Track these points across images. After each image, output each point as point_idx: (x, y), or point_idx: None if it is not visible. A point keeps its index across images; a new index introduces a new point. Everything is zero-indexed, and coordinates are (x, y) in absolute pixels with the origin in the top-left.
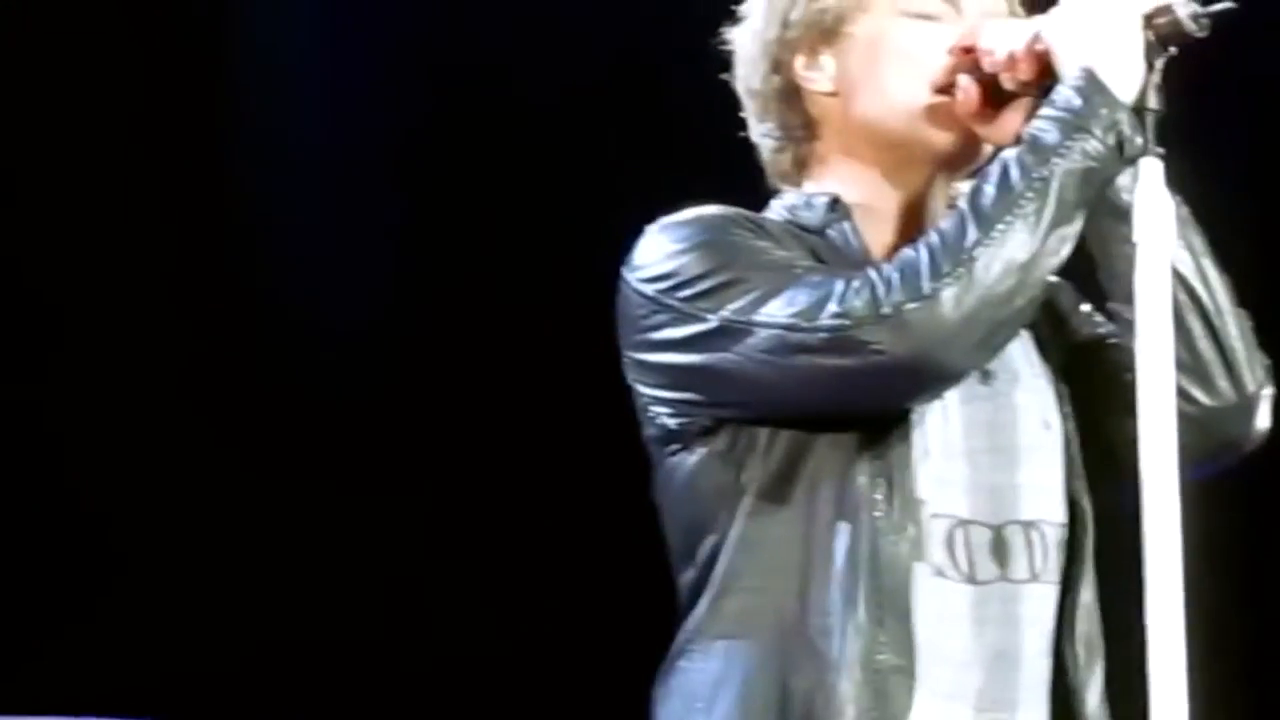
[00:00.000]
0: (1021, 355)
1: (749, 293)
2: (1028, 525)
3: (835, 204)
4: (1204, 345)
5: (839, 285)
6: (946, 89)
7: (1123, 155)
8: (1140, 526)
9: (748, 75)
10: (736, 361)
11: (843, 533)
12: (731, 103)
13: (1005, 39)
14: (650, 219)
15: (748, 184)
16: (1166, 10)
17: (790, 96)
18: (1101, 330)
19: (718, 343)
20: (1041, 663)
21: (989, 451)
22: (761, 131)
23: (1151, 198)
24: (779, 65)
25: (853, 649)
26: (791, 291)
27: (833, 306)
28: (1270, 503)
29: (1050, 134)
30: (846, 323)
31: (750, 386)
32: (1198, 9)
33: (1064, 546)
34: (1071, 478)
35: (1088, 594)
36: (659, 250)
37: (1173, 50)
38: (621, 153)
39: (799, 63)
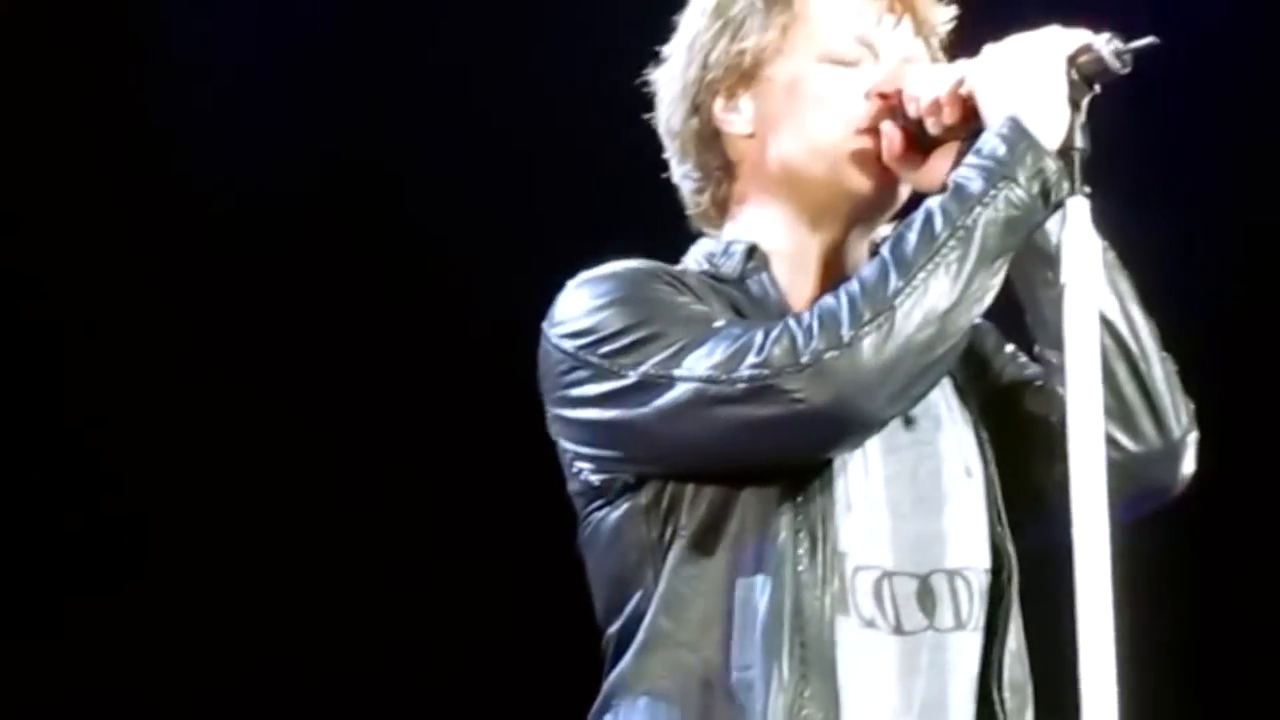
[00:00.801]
0: (942, 401)
1: (668, 348)
2: (952, 573)
3: (752, 253)
4: (1129, 391)
5: (758, 336)
6: (868, 134)
7: (1048, 202)
8: (1065, 569)
9: (669, 116)
10: (657, 416)
11: (766, 587)
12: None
13: (929, 84)
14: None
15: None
16: (1088, 49)
17: (709, 138)
18: (1027, 373)
19: (638, 398)
20: (969, 710)
21: (912, 501)
22: (682, 173)
23: (1079, 237)
24: (698, 107)
25: (777, 704)
26: (711, 344)
27: (752, 357)
28: (1202, 544)
29: (975, 182)
30: (766, 372)
31: (672, 441)
32: (1120, 46)
33: (989, 593)
34: (994, 524)
35: (1014, 639)
36: (578, 306)
37: (1097, 88)
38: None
39: (718, 105)
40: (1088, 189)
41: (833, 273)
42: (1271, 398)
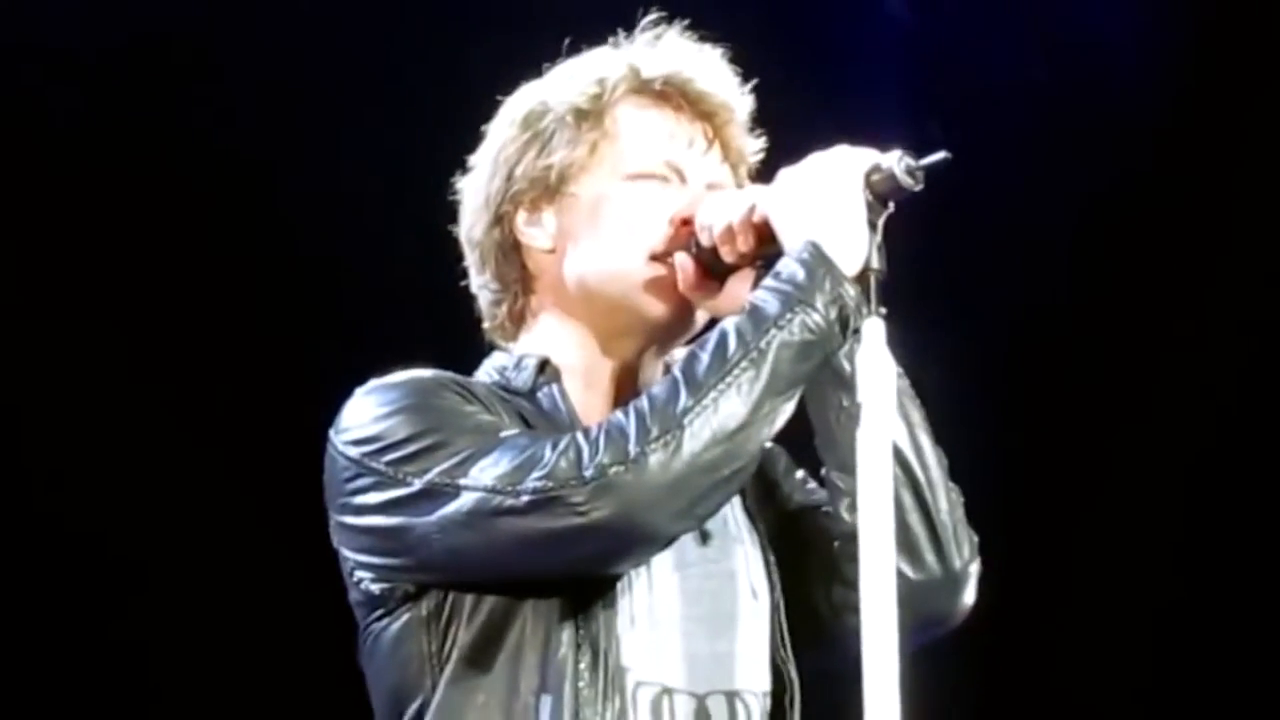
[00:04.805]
0: (734, 521)
1: (454, 456)
2: (732, 695)
3: (545, 366)
4: (914, 519)
5: (545, 449)
6: (665, 259)
7: (846, 329)
8: (845, 690)
9: (470, 225)
10: (440, 525)
11: (545, 704)
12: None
13: (722, 212)
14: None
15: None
16: (880, 168)
17: (509, 250)
18: (813, 498)
19: (422, 506)
20: None
21: (699, 620)
22: (480, 283)
23: (874, 358)
24: (500, 218)
25: None
26: (497, 454)
27: (538, 471)
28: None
29: (771, 304)
30: (550, 485)
31: (454, 550)
32: (911, 162)
33: (770, 717)
34: (778, 647)
35: None
36: (365, 413)
37: (891, 207)
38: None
39: (520, 218)
40: (884, 310)
41: (625, 390)
42: (1059, 530)
